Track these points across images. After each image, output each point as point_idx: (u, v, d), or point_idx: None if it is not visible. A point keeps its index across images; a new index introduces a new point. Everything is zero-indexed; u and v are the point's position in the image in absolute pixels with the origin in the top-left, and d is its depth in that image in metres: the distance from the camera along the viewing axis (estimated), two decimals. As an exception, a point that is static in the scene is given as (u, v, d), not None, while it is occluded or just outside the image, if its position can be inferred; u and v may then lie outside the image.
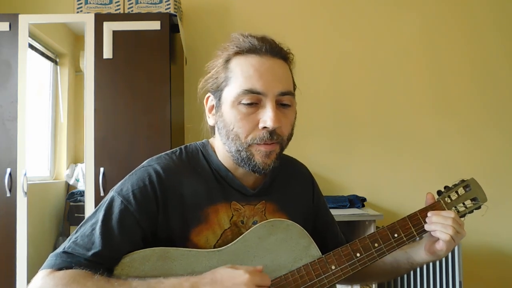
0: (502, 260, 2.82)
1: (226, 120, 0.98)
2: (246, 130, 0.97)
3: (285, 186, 1.13)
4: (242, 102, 0.96)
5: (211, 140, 1.09)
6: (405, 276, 2.42)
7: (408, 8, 2.89)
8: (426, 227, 1.05)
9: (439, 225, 1.03)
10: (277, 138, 0.97)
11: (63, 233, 2.41)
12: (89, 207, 2.22)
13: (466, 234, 1.06)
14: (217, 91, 1.00)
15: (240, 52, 0.99)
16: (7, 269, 2.17)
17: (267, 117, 0.95)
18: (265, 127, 0.96)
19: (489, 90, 2.87)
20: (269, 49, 0.98)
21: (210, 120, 1.04)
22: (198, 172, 1.04)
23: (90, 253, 0.91)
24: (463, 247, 2.48)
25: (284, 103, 0.99)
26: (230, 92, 0.97)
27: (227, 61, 1.00)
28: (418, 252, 1.10)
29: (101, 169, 2.23)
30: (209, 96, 1.04)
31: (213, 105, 1.02)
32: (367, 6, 2.89)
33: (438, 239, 1.03)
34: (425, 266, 2.40)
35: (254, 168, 0.99)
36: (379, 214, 2.34)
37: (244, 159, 0.98)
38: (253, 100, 0.96)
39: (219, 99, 1.00)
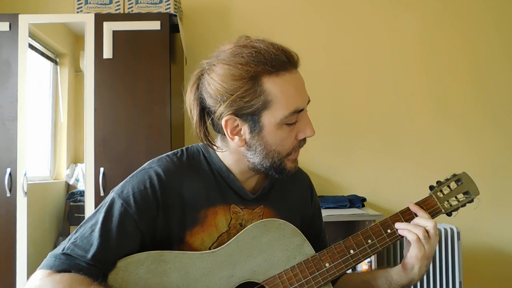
0: (502, 260, 2.82)
1: (268, 142, 0.97)
2: (289, 147, 0.99)
3: (284, 191, 1.13)
4: (287, 122, 0.96)
5: None
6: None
7: (407, 11, 2.89)
8: (399, 231, 1.05)
9: (410, 226, 1.04)
10: (305, 142, 1.02)
11: (63, 233, 2.41)
12: (89, 207, 2.22)
13: (467, 234, 1.06)
14: (250, 115, 0.95)
15: (270, 71, 0.93)
16: (7, 269, 2.17)
17: (307, 129, 0.99)
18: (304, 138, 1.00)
19: (488, 91, 2.88)
20: (292, 61, 0.96)
21: (236, 142, 0.98)
22: (199, 174, 1.03)
23: (89, 255, 0.91)
24: (463, 247, 2.48)
25: None
26: (274, 115, 0.94)
27: (257, 82, 0.93)
28: (396, 269, 1.09)
29: (101, 169, 2.23)
30: (230, 119, 0.95)
31: (237, 128, 0.97)
32: (366, 7, 2.89)
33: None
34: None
35: (282, 173, 1.01)
36: (379, 214, 2.34)
37: (275, 168, 1.00)
38: (296, 118, 0.97)
39: (257, 123, 0.95)
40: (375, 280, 1.13)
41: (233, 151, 1.02)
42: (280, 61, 0.94)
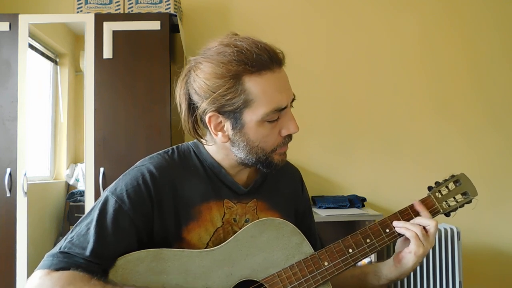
0: (502, 260, 2.82)
1: (250, 138, 0.99)
2: (272, 143, 1.00)
3: (276, 185, 1.15)
4: (268, 120, 0.97)
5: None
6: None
7: (407, 11, 2.89)
8: (397, 229, 1.07)
9: (407, 224, 1.06)
10: (291, 138, 1.03)
11: (63, 233, 2.41)
12: (89, 207, 2.20)
13: (467, 234, 1.08)
14: (232, 112, 0.97)
15: (251, 71, 0.95)
16: (7, 269, 2.17)
17: (290, 125, 1.00)
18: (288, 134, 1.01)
19: (488, 91, 2.88)
20: (276, 60, 0.97)
21: (219, 138, 1.00)
22: (190, 171, 1.05)
23: (86, 252, 0.92)
24: (463, 247, 2.48)
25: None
26: (255, 113, 0.96)
27: (238, 81, 0.95)
28: (387, 264, 1.11)
29: (101, 169, 2.23)
30: (213, 115, 0.98)
31: (221, 124, 0.99)
32: (367, 7, 2.89)
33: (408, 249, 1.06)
34: (425, 266, 2.40)
35: (270, 167, 1.03)
36: (379, 214, 2.35)
37: (262, 163, 1.02)
38: (278, 116, 0.98)
39: (239, 120, 0.97)
40: (365, 275, 1.14)
41: (221, 146, 1.04)
42: (262, 60, 0.95)
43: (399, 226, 1.06)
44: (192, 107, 1.02)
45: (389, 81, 2.86)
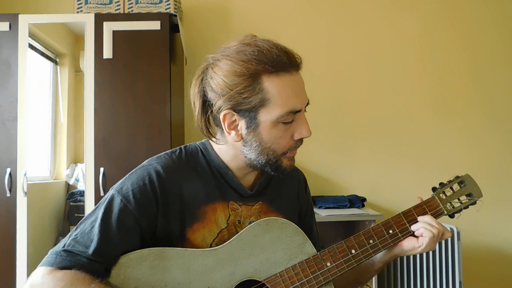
0: (502, 260, 2.82)
1: (264, 139, 0.99)
2: (284, 146, 1.01)
3: (281, 188, 1.15)
4: (283, 121, 0.98)
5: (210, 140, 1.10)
6: (405, 275, 2.42)
7: (407, 11, 2.89)
8: (413, 227, 1.07)
9: (426, 224, 1.06)
10: (302, 142, 1.04)
11: (63, 233, 2.41)
12: (89, 207, 2.22)
13: (467, 234, 1.08)
14: (248, 111, 0.97)
15: (270, 71, 0.96)
16: (7, 269, 2.17)
17: (303, 129, 1.01)
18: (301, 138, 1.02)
19: (488, 91, 2.88)
20: (294, 63, 0.99)
21: (232, 137, 1.01)
22: (197, 171, 1.05)
23: (89, 251, 0.92)
24: (463, 247, 2.48)
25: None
26: (270, 114, 0.97)
27: (257, 80, 0.96)
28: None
29: (101, 169, 2.23)
30: (228, 113, 0.98)
31: (235, 122, 1.00)
32: (367, 7, 2.89)
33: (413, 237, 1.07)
34: (425, 266, 2.40)
35: (278, 171, 1.03)
36: (379, 214, 2.35)
37: (271, 165, 1.02)
38: (292, 118, 0.99)
39: (253, 119, 0.98)
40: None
41: (231, 146, 1.04)
42: (281, 62, 0.96)
43: (424, 220, 1.06)
44: (206, 104, 1.02)
45: (389, 81, 2.86)
